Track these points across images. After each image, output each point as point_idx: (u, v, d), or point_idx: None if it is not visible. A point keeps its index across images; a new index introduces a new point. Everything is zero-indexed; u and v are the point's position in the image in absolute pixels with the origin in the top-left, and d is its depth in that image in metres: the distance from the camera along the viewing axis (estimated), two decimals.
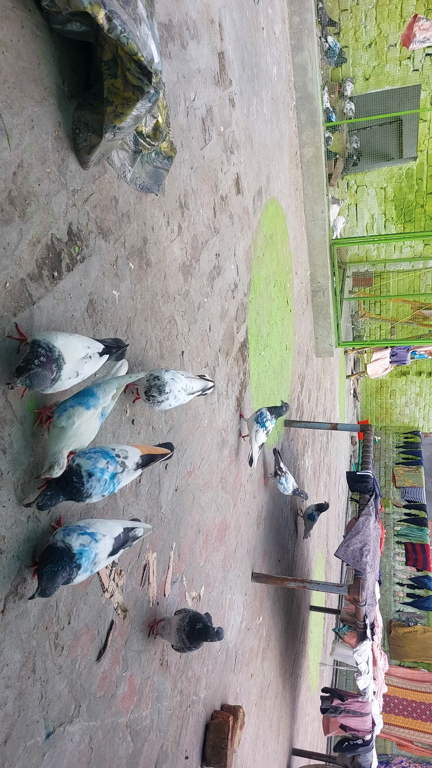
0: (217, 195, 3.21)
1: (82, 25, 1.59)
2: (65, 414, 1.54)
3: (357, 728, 5.30)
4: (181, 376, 2.24)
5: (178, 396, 2.18)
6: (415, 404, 14.94)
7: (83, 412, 1.55)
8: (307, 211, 6.59)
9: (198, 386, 2.41)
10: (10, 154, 1.48)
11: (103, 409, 1.64)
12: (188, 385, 2.28)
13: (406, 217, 10.20)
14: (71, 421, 1.52)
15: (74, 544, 1.54)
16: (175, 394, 2.15)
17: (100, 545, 1.61)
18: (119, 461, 1.67)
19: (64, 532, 1.58)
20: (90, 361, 1.60)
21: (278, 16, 4.98)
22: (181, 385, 2.19)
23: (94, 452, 1.62)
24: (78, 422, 1.53)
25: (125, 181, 2.09)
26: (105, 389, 1.65)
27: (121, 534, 1.74)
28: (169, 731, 2.61)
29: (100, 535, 1.64)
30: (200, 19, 2.89)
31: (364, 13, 8.31)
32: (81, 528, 1.61)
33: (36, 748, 1.65)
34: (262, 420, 3.58)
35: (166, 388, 2.11)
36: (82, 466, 1.56)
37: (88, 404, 1.57)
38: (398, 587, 12.52)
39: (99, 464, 1.58)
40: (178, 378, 2.19)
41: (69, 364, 1.49)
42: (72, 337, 1.54)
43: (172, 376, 2.16)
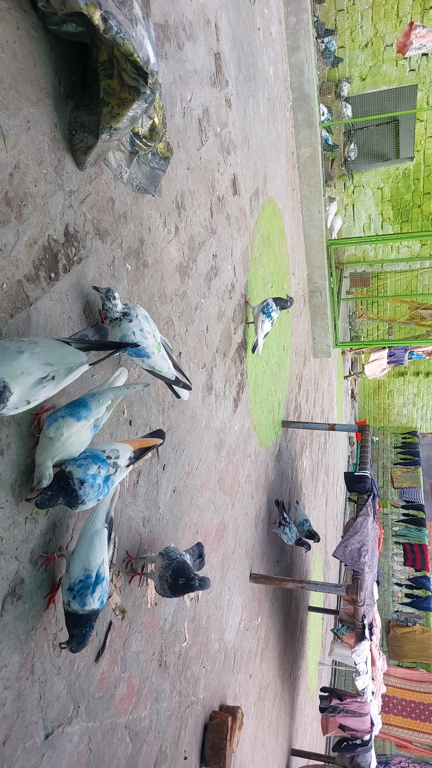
0: (214, 196, 3.22)
1: (78, 26, 1.59)
2: (54, 425, 1.49)
3: (356, 728, 5.31)
4: (157, 330, 2.02)
5: (144, 331, 1.91)
6: (413, 404, 14.97)
7: (73, 423, 1.50)
8: (304, 211, 6.60)
9: (170, 368, 2.16)
10: (7, 156, 1.48)
11: (96, 420, 1.59)
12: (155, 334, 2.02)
13: (404, 218, 10.23)
14: (59, 432, 1.48)
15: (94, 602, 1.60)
16: (141, 327, 1.90)
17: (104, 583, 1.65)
18: (111, 462, 1.63)
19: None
20: (51, 383, 1.41)
21: (274, 16, 4.98)
22: (149, 328, 1.94)
23: (84, 458, 1.57)
24: (67, 434, 1.48)
25: (122, 182, 2.09)
26: (99, 400, 1.59)
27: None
28: (168, 732, 2.61)
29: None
30: (196, 19, 2.90)
31: (360, 14, 8.34)
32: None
33: (35, 749, 1.64)
34: (268, 310, 3.63)
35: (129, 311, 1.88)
36: (74, 473, 1.52)
37: (79, 416, 1.52)
38: (397, 588, 12.54)
39: (90, 470, 1.54)
40: (150, 323, 1.97)
41: (17, 393, 1.31)
42: (21, 358, 1.32)
43: (146, 315, 1.95)
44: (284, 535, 4.58)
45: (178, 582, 2.11)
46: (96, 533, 1.65)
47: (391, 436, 15.43)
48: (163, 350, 2.06)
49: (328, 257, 7.13)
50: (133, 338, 1.87)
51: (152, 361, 2.00)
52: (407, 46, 6.54)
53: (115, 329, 1.87)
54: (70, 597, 1.58)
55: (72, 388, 1.80)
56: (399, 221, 10.29)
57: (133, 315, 1.88)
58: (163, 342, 2.08)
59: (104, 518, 1.69)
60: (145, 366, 2.02)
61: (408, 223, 10.27)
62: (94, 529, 1.65)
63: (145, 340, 1.92)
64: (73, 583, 1.59)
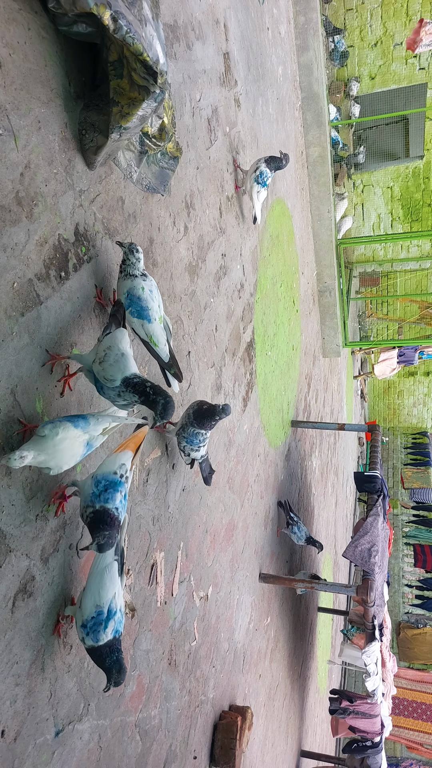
0: (223, 195, 3.22)
1: (88, 26, 1.60)
2: (51, 424, 1.47)
3: (366, 730, 5.28)
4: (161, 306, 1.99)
5: (153, 292, 1.90)
6: (423, 405, 14.86)
7: (69, 428, 1.48)
8: (313, 211, 6.58)
9: (166, 348, 2.11)
10: (18, 155, 1.49)
11: (90, 438, 1.57)
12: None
13: (413, 216, 10.16)
14: (54, 432, 1.45)
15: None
16: (150, 289, 1.89)
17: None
18: (124, 479, 1.66)
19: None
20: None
21: (283, 16, 4.98)
22: (157, 295, 1.93)
23: (103, 490, 1.59)
24: (61, 436, 1.46)
25: (131, 182, 2.10)
26: (98, 419, 1.60)
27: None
28: (178, 731, 2.61)
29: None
30: (205, 19, 2.90)
31: (370, 12, 8.30)
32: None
33: (46, 746, 1.65)
34: (262, 180, 3.37)
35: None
36: (108, 507, 1.57)
37: (77, 423, 1.52)
38: (407, 589, 12.45)
39: (117, 499, 1.60)
40: (158, 295, 1.95)
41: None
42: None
43: (156, 286, 1.93)
44: (293, 534, 4.57)
45: (203, 408, 2.20)
46: (106, 567, 1.64)
47: (401, 437, 15.33)
48: (164, 324, 2.02)
49: (338, 257, 7.10)
50: (141, 293, 1.85)
51: (152, 328, 1.93)
52: (417, 43, 6.50)
53: (125, 281, 1.84)
54: (83, 634, 1.61)
55: (76, 398, 1.81)
56: (409, 220, 10.22)
57: (148, 277, 1.89)
58: (164, 320, 2.03)
59: (114, 550, 1.67)
60: (143, 334, 1.95)
61: (418, 222, 10.20)
62: (104, 564, 1.64)
63: (151, 302, 1.88)
64: (85, 620, 1.60)
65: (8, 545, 1.48)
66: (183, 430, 2.29)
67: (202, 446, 2.36)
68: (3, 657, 1.47)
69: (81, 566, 1.82)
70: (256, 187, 3.35)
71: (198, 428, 2.24)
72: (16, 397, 1.50)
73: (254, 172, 3.35)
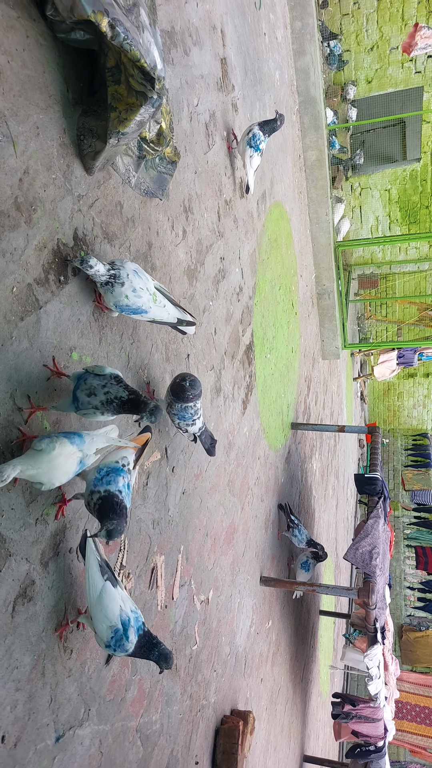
0: (221, 199, 3.23)
1: (86, 33, 1.61)
2: (48, 439, 1.46)
3: (369, 734, 5.25)
4: (150, 280, 1.92)
5: (136, 290, 1.81)
6: (423, 406, 14.86)
7: (66, 444, 1.48)
8: (311, 214, 6.60)
9: (170, 312, 2.05)
10: (16, 161, 1.50)
11: (84, 456, 1.56)
12: (152, 290, 1.92)
13: (411, 219, 10.18)
14: (51, 446, 1.44)
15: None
16: (133, 287, 1.80)
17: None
18: (126, 469, 1.66)
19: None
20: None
21: (280, 21, 5.01)
22: (141, 284, 1.84)
23: (106, 474, 1.59)
24: (57, 451, 1.44)
25: (130, 187, 2.11)
26: (92, 438, 1.59)
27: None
28: (179, 736, 2.60)
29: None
30: (202, 25, 2.92)
31: (366, 17, 8.34)
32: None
33: (46, 752, 1.65)
34: (255, 143, 3.18)
35: (121, 274, 1.77)
36: (111, 490, 1.56)
37: (73, 440, 1.51)
38: (409, 591, 12.42)
39: (120, 483, 1.59)
40: (142, 277, 1.85)
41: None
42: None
43: (135, 270, 1.83)
44: (294, 537, 4.56)
45: (175, 382, 2.17)
46: (101, 592, 1.64)
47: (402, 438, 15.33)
48: (160, 297, 1.98)
49: (336, 259, 7.11)
50: (127, 302, 1.81)
51: (150, 315, 1.94)
52: (412, 47, 6.54)
53: (106, 294, 1.79)
54: (112, 651, 1.65)
55: None
56: (407, 222, 10.25)
57: (123, 276, 1.76)
58: (157, 288, 1.99)
59: (100, 573, 1.66)
60: (145, 320, 1.98)
61: (416, 224, 10.22)
62: (96, 591, 1.64)
63: (139, 299, 1.84)
64: (107, 642, 1.65)
65: (8, 549, 1.48)
66: (171, 408, 2.27)
67: (196, 419, 2.32)
68: (3, 662, 1.47)
69: (81, 570, 1.82)
70: (249, 151, 3.19)
71: (182, 402, 2.20)
72: (16, 401, 1.51)
73: (247, 135, 3.19)
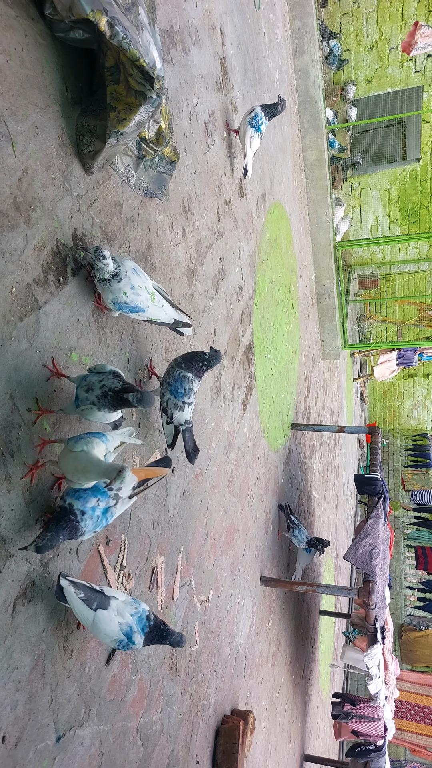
0: (221, 199, 3.23)
1: (85, 32, 1.61)
2: (83, 440, 1.54)
3: (369, 733, 5.25)
4: (148, 279, 1.91)
5: (135, 288, 1.81)
6: (423, 406, 14.85)
7: (99, 443, 1.58)
8: (311, 214, 6.60)
9: (168, 312, 2.02)
10: (15, 161, 1.49)
11: (107, 452, 1.63)
12: (151, 290, 1.92)
13: (411, 219, 10.18)
14: (90, 446, 1.53)
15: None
16: (132, 284, 1.81)
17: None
18: (111, 494, 1.61)
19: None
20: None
21: (279, 20, 5.00)
22: (140, 282, 1.84)
23: (83, 490, 1.57)
24: (96, 450, 1.54)
25: (129, 186, 2.10)
26: (112, 436, 1.67)
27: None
28: (180, 736, 2.60)
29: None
30: (202, 25, 2.91)
31: (365, 17, 8.33)
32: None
33: (47, 752, 1.65)
34: (257, 123, 3.11)
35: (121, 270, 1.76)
36: (74, 505, 1.52)
37: (104, 439, 1.60)
38: (409, 591, 12.42)
39: (89, 503, 1.54)
40: (140, 275, 1.84)
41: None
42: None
43: (134, 267, 1.82)
44: (294, 537, 4.56)
45: (193, 353, 2.10)
46: (94, 621, 1.64)
47: (402, 439, 15.33)
48: (158, 297, 1.97)
49: (336, 259, 7.11)
50: (125, 299, 1.81)
51: (148, 314, 1.94)
52: (412, 46, 6.53)
53: (105, 291, 1.78)
54: (125, 652, 1.73)
55: None
56: (406, 222, 10.24)
57: (122, 273, 1.77)
58: (156, 287, 1.99)
59: (87, 606, 1.63)
60: (142, 319, 1.96)
61: (416, 224, 10.22)
62: (89, 622, 1.64)
63: (137, 297, 1.83)
64: (118, 647, 1.69)
65: (8, 550, 1.48)
66: (168, 374, 2.07)
67: (186, 403, 2.09)
68: (3, 662, 1.47)
69: (81, 570, 1.82)
70: (250, 131, 3.14)
71: (185, 371, 2.05)
72: (15, 402, 1.50)
73: (249, 114, 3.15)
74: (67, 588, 1.59)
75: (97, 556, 1.92)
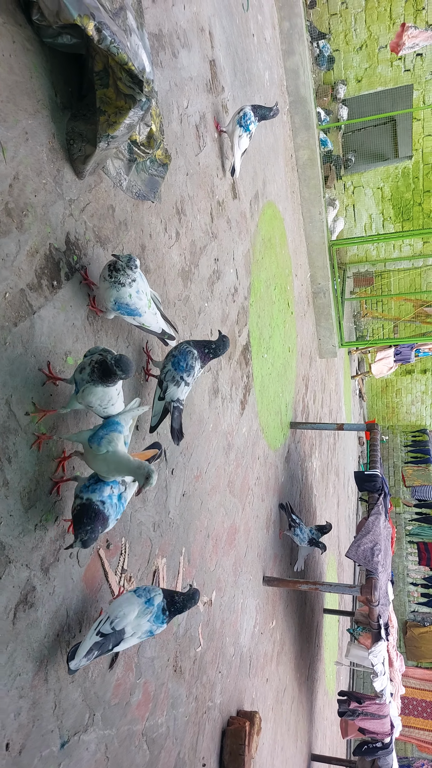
0: (214, 200, 3.23)
1: (73, 37, 1.61)
2: (105, 439, 1.60)
3: (376, 731, 5.25)
4: (148, 286, 1.96)
5: (139, 293, 1.86)
6: (422, 402, 14.87)
7: (118, 435, 1.63)
8: (304, 213, 6.61)
9: (159, 321, 2.08)
10: (6, 167, 1.50)
11: (125, 437, 1.70)
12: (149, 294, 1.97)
13: (404, 216, 10.21)
14: (113, 444, 1.58)
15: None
16: (138, 289, 1.84)
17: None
18: (120, 480, 1.68)
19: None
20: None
21: (268, 21, 5.02)
22: (144, 288, 1.90)
23: (94, 482, 1.62)
24: (119, 445, 1.60)
25: (121, 190, 2.11)
26: (124, 418, 1.72)
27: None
28: (186, 738, 2.60)
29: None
30: (190, 27, 2.92)
31: (354, 17, 8.36)
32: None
33: (52, 758, 1.64)
34: (245, 122, 3.11)
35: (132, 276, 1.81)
36: (93, 499, 1.58)
37: (119, 429, 1.65)
38: (412, 587, 12.41)
39: (105, 492, 1.61)
40: (144, 281, 1.91)
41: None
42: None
43: (140, 272, 1.87)
44: (296, 536, 4.56)
45: (203, 340, 2.20)
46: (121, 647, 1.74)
47: (401, 435, 15.34)
48: (153, 305, 2.01)
49: (331, 258, 7.12)
50: (128, 301, 1.84)
51: (143, 319, 1.97)
52: (400, 46, 6.58)
53: (110, 290, 1.79)
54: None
55: None
56: (400, 220, 10.27)
57: (135, 279, 1.83)
58: (152, 296, 2.03)
59: (105, 653, 1.71)
60: (134, 323, 1.99)
61: (409, 221, 10.24)
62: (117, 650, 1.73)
63: (139, 301, 1.88)
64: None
65: (8, 556, 1.48)
66: (176, 348, 2.15)
67: (184, 379, 2.11)
68: (6, 669, 1.46)
69: (82, 575, 1.81)
70: (238, 130, 3.14)
71: (192, 347, 2.14)
72: (11, 407, 1.50)
73: (238, 113, 3.16)
74: (81, 664, 1.63)
75: (98, 560, 1.91)
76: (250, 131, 3.20)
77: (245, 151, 3.32)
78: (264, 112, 3.30)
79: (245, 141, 3.23)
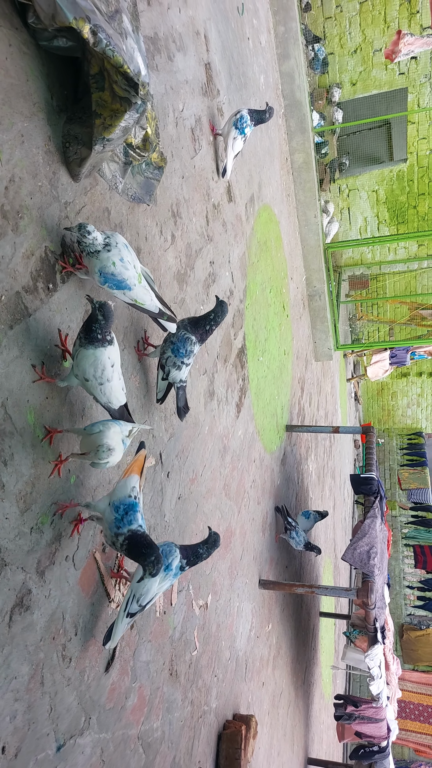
0: (210, 203, 3.24)
1: (69, 40, 1.61)
2: (99, 423, 1.68)
3: (372, 735, 5.24)
4: (137, 260, 1.89)
5: (124, 261, 1.78)
6: (417, 405, 14.92)
7: (114, 425, 1.68)
8: (300, 216, 6.64)
9: (153, 299, 2.01)
10: (1, 169, 1.50)
11: (123, 437, 1.74)
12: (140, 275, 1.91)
13: (399, 219, 10.26)
14: (107, 426, 1.66)
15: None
16: (121, 257, 1.77)
17: None
18: (138, 500, 1.76)
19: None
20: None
21: (263, 26, 5.04)
22: (129, 258, 1.81)
23: (126, 512, 1.69)
24: (111, 432, 1.65)
25: (117, 193, 2.11)
26: (122, 423, 1.76)
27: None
28: (181, 742, 2.59)
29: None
30: (186, 31, 2.93)
31: (348, 20, 8.41)
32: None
33: (47, 762, 1.63)
34: (241, 125, 3.13)
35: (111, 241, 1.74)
36: (132, 527, 1.67)
37: (117, 422, 1.71)
38: (408, 590, 12.43)
39: (138, 519, 1.70)
40: (131, 252, 1.83)
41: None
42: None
43: (125, 243, 1.80)
44: (292, 540, 4.56)
45: (198, 316, 2.25)
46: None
47: (397, 438, 15.38)
48: (144, 281, 1.94)
49: (326, 261, 7.15)
50: (113, 269, 1.77)
51: (133, 294, 1.89)
52: (395, 53, 6.61)
53: (92, 261, 1.73)
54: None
55: (68, 410, 1.81)
56: (395, 223, 10.32)
57: (113, 244, 1.74)
58: (144, 273, 1.96)
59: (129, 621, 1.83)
60: (126, 299, 1.91)
61: (404, 224, 10.29)
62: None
63: (126, 271, 1.79)
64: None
65: (3, 559, 1.47)
66: (173, 335, 2.17)
67: (185, 363, 2.17)
68: (1, 672, 1.45)
69: (78, 578, 1.81)
70: (233, 132, 3.16)
71: (190, 333, 2.15)
72: (7, 410, 1.50)
73: (234, 116, 3.18)
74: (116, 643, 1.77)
75: (94, 563, 1.91)
76: (245, 134, 3.22)
77: (238, 154, 3.33)
78: (261, 115, 3.32)
79: (239, 143, 3.25)
